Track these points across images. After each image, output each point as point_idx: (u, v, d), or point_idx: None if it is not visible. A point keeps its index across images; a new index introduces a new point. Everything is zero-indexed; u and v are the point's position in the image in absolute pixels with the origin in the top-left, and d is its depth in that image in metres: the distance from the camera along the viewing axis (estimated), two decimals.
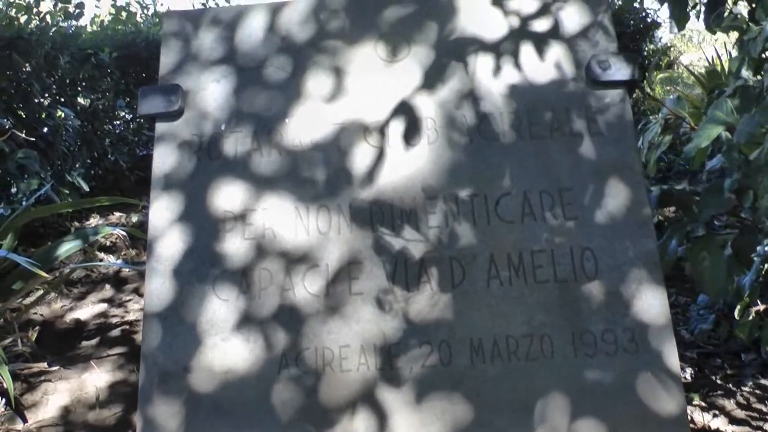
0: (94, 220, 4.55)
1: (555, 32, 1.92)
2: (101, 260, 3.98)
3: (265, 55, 1.94)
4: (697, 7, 2.64)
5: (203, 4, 6.20)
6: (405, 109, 1.86)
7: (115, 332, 3.32)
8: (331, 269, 1.74)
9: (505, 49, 1.90)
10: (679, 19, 2.44)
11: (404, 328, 1.69)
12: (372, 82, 1.90)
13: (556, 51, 1.90)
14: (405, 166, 1.81)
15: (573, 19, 1.93)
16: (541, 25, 1.92)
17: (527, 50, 1.90)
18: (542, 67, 1.89)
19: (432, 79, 1.89)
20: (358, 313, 1.71)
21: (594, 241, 1.73)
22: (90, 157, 4.77)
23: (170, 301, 1.73)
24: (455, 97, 1.87)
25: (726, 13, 2.57)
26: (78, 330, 3.37)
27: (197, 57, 1.95)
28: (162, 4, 6.28)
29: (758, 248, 2.17)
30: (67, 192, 4.28)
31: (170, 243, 1.78)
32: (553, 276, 1.72)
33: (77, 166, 4.54)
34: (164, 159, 1.85)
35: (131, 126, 5.15)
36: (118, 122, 5.09)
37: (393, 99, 1.87)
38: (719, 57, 5.68)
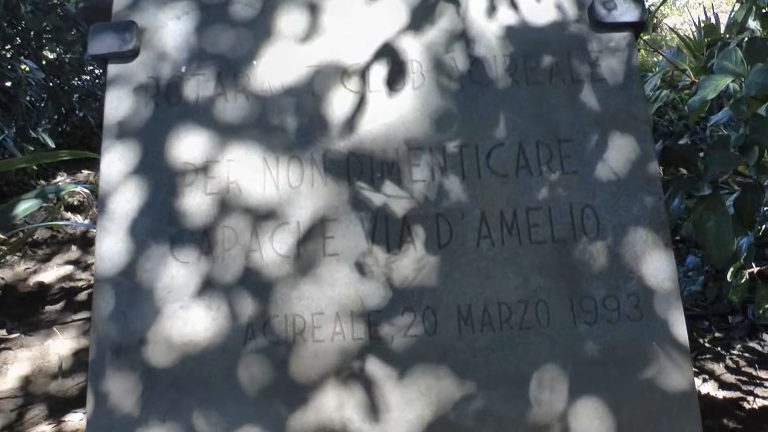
0: (60, 178, 4.35)
1: None
2: (67, 220, 3.80)
3: None
4: None
5: None
6: (387, 51, 1.67)
7: (81, 296, 3.16)
8: (303, 227, 1.56)
9: None
10: None
11: (385, 293, 1.52)
12: (351, 20, 1.70)
13: None
14: (387, 114, 1.62)
15: None
16: None
17: None
18: (541, 6, 1.70)
19: (418, 17, 1.69)
20: (333, 276, 1.53)
21: (595, 198, 1.56)
22: (57, 113, 4.55)
23: (124, 264, 1.55)
24: (444, 38, 1.68)
25: None
26: (42, 294, 3.21)
27: None
28: None
29: (763, 209, 2.03)
30: (32, 149, 4.07)
31: (124, 199, 1.58)
32: (550, 235, 1.55)
33: (43, 122, 4.32)
34: (117, 104, 1.66)
35: (100, 81, 4.91)
36: (86, 77, 4.84)
37: (374, 39, 1.68)
38: (707, 18, 5.53)
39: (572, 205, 1.56)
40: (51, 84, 4.43)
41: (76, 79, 4.73)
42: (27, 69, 4.13)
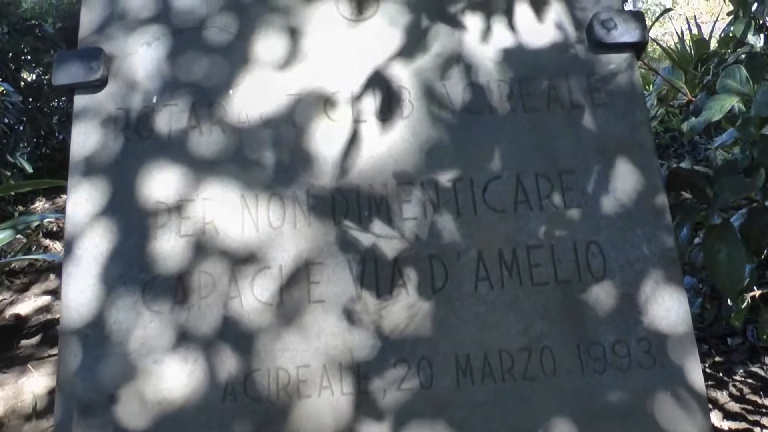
0: (39, 203, 4.22)
1: None
2: (46, 247, 3.69)
3: (206, 13, 1.62)
4: None
5: None
6: (374, 78, 1.55)
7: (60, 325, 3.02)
8: (286, 272, 1.43)
9: (494, 6, 1.60)
10: None
11: (376, 343, 1.39)
12: (334, 44, 1.58)
13: (554, 8, 1.61)
14: (374, 146, 1.50)
15: None
16: None
17: (520, 8, 1.60)
18: (537, 27, 1.59)
19: (406, 41, 1.58)
20: (319, 325, 1.40)
21: (601, 234, 1.45)
22: (35, 136, 4.42)
23: (92, 314, 1.42)
24: (436, 63, 1.56)
25: None
26: (18, 327, 3.07)
27: (124, 16, 1.63)
28: None
29: None
30: (9, 174, 3.94)
31: (91, 242, 1.46)
32: (553, 276, 1.43)
33: (21, 145, 4.20)
34: (84, 139, 1.53)
35: None
36: (65, 98, 4.72)
37: (359, 65, 1.57)
38: (690, 30, 5.48)
39: (576, 242, 1.45)
40: (29, 106, 4.30)
41: (55, 100, 4.61)
42: (4, 92, 4.01)
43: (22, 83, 4.35)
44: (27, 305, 3.23)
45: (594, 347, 1.39)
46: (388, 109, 1.53)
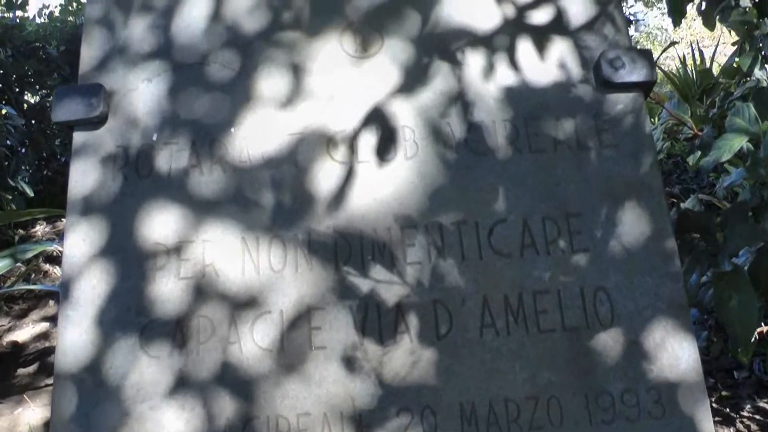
0: (40, 227, 4.19)
1: (557, 24, 1.60)
2: (46, 272, 3.66)
3: (208, 48, 1.60)
4: (697, 1, 2.40)
5: None
6: (377, 117, 1.52)
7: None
8: (287, 317, 1.40)
9: (498, 44, 1.58)
10: (678, 13, 2.20)
11: (378, 391, 1.36)
12: (337, 82, 1.56)
13: (559, 47, 1.58)
14: (377, 188, 1.48)
15: (578, 8, 1.62)
16: (540, 16, 1.61)
17: (525, 46, 1.58)
18: (543, 66, 1.57)
19: (410, 79, 1.56)
20: (321, 372, 1.37)
21: (609, 280, 1.42)
22: (37, 159, 4.41)
23: (88, 359, 1.39)
24: (439, 101, 1.54)
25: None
26: (15, 355, 3.04)
27: (125, 50, 1.61)
28: None
29: None
30: (10, 197, 3.93)
31: (88, 284, 1.43)
32: (560, 323, 1.40)
33: (23, 168, 4.18)
34: (83, 177, 1.51)
35: None
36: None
37: (362, 104, 1.54)
38: (693, 55, 5.48)
39: (583, 287, 1.41)
40: (32, 128, 4.29)
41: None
42: (6, 114, 4.00)
43: (25, 105, 4.34)
44: (25, 332, 3.20)
45: (602, 397, 1.35)
46: (392, 150, 1.50)
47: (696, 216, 1.68)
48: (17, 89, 4.31)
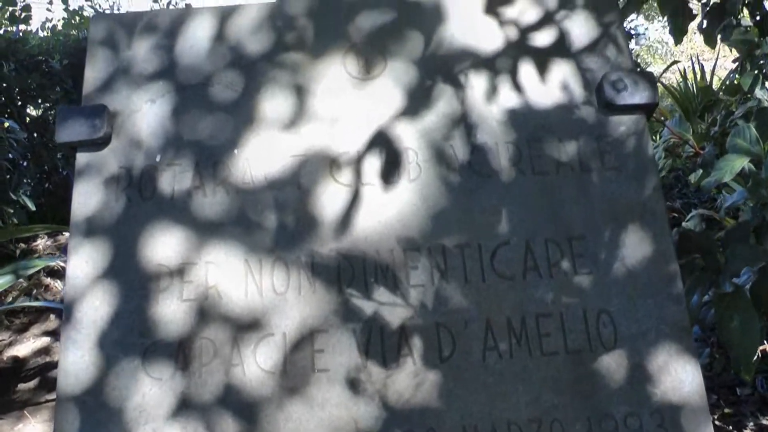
0: (41, 241, 4.20)
1: (560, 46, 1.61)
2: (47, 286, 3.66)
3: (211, 70, 1.60)
4: (698, 19, 2.41)
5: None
6: (380, 139, 1.53)
7: (57, 372, 2.99)
8: (290, 339, 1.40)
9: (501, 66, 1.58)
10: (680, 32, 2.21)
11: (381, 413, 1.35)
12: (340, 104, 1.57)
13: (562, 69, 1.59)
14: (380, 210, 1.48)
15: (580, 30, 1.62)
16: (543, 38, 1.61)
17: (528, 68, 1.58)
18: (545, 88, 1.57)
19: (413, 101, 1.56)
20: (323, 395, 1.37)
21: (612, 302, 1.42)
22: (39, 172, 4.41)
23: (90, 380, 1.39)
24: (442, 124, 1.54)
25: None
26: (16, 370, 3.04)
27: (129, 71, 1.61)
28: (119, 9, 5.94)
29: None
30: (12, 211, 3.92)
31: (91, 306, 1.43)
32: (563, 346, 1.40)
33: (25, 181, 4.18)
34: (86, 199, 1.51)
35: None
36: None
37: (365, 126, 1.55)
38: (693, 69, 5.49)
39: (586, 310, 1.41)
40: (34, 142, 4.29)
41: None
42: (9, 128, 4.00)
43: (27, 119, 4.34)
44: (26, 346, 3.20)
45: (606, 420, 1.35)
46: (396, 172, 1.51)
47: (697, 237, 1.68)
48: (20, 103, 4.31)
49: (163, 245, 1.47)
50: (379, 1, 1.66)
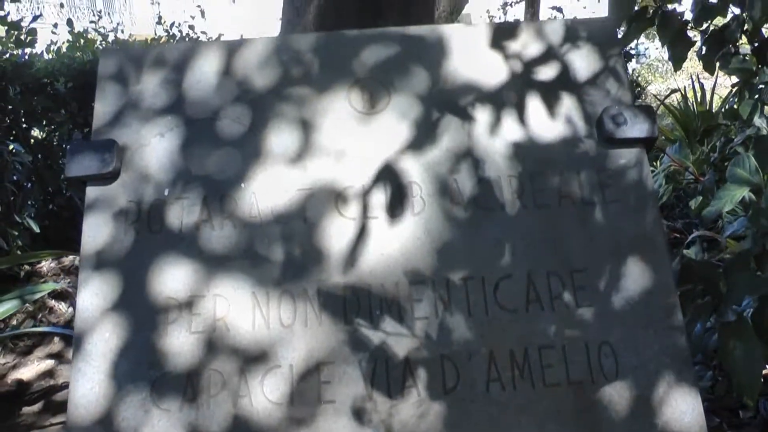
0: (45, 263, 4.21)
1: (562, 80, 1.64)
2: (51, 308, 3.67)
3: (219, 104, 1.63)
4: (696, 46, 2.44)
5: (169, 33, 5.93)
6: (386, 173, 1.56)
7: (61, 395, 3.00)
8: (297, 371, 1.42)
9: (505, 99, 1.61)
10: (679, 59, 2.24)
11: None
12: (346, 138, 1.60)
13: (564, 102, 1.62)
14: (386, 243, 1.50)
15: (582, 64, 1.66)
16: (546, 72, 1.64)
17: (531, 101, 1.61)
18: (548, 121, 1.60)
19: (418, 135, 1.59)
20: (330, 426, 1.38)
21: (613, 334, 1.44)
22: (43, 193, 4.44)
23: (100, 412, 1.40)
24: (446, 158, 1.57)
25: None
26: (20, 393, 3.05)
27: (138, 105, 1.64)
28: (123, 32, 5.99)
29: None
30: (16, 233, 3.95)
31: (101, 338, 1.45)
32: (565, 377, 1.42)
33: (29, 203, 4.21)
34: (96, 232, 1.53)
35: None
36: None
37: (371, 160, 1.57)
38: (693, 87, 5.53)
39: (588, 342, 1.44)
40: (38, 164, 4.32)
41: (63, 159, 4.62)
42: (14, 151, 4.03)
43: (32, 140, 4.37)
44: (30, 370, 3.21)
45: None
46: (400, 205, 1.53)
47: (699, 266, 1.71)
48: (25, 125, 4.34)
49: (172, 278, 1.49)
50: (384, 36, 1.69)
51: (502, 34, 1.68)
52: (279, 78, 1.65)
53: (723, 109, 3.20)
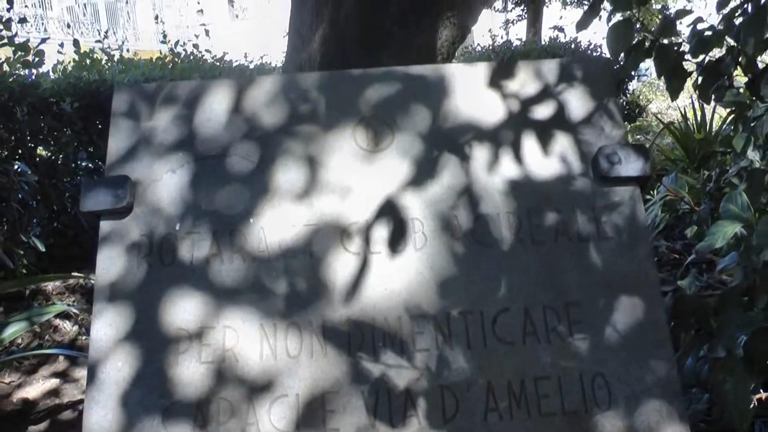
0: (50, 283, 4.26)
1: (558, 118, 1.70)
2: (56, 327, 3.72)
3: (228, 140, 1.70)
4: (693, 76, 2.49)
5: (174, 52, 6.00)
6: (388, 209, 1.62)
7: (66, 415, 3.05)
8: (303, 400, 1.48)
9: (503, 138, 1.68)
10: (676, 90, 2.29)
11: None
12: (351, 175, 1.66)
13: (560, 140, 1.68)
14: (388, 278, 1.57)
15: (578, 104, 1.72)
16: (543, 111, 1.71)
17: (528, 139, 1.68)
18: (544, 159, 1.67)
19: (420, 173, 1.65)
20: None
21: (606, 366, 1.50)
22: (48, 211, 4.49)
23: None
24: (447, 195, 1.64)
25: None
26: (26, 412, 3.09)
27: (150, 141, 1.70)
28: (128, 51, 6.06)
29: None
30: (22, 252, 4.00)
31: (114, 367, 1.51)
32: (560, 407, 1.48)
33: (34, 221, 4.26)
34: (109, 265, 1.60)
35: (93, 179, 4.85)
36: (78, 176, 4.77)
37: (374, 196, 1.64)
38: (693, 106, 5.60)
39: (582, 373, 1.50)
40: (43, 183, 4.37)
41: (69, 177, 4.68)
42: (20, 171, 4.08)
43: (37, 159, 4.42)
44: (35, 388, 3.25)
45: None
46: (403, 241, 1.60)
47: (692, 300, 1.76)
48: (31, 144, 4.39)
49: (183, 310, 1.55)
50: (388, 75, 1.76)
51: (501, 74, 1.75)
52: (286, 116, 1.72)
53: (719, 137, 3.26)
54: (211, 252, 1.60)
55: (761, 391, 1.99)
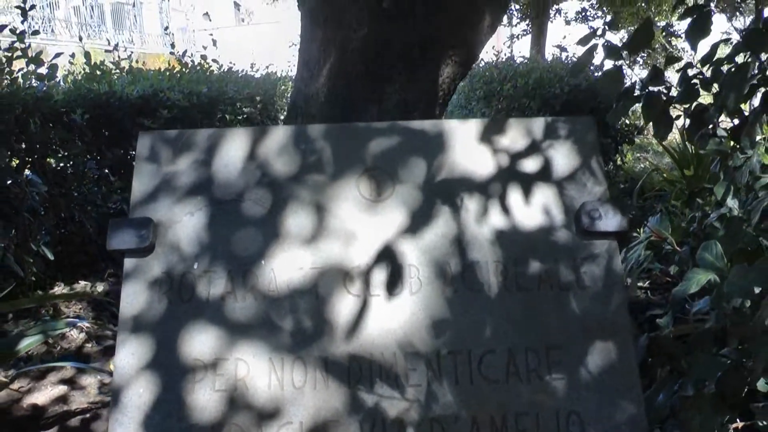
0: (58, 289, 4.41)
1: (544, 173, 1.86)
2: (64, 334, 3.85)
3: (243, 186, 1.86)
4: (680, 120, 2.62)
5: (181, 63, 6.13)
6: (387, 255, 1.79)
7: (75, 421, 3.18)
8: (306, 427, 1.65)
9: (493, 190, 1.84)
10: (663, 135, 2.41)
11: None
12: (353, 223, 1.82)
13: (545, 194, 1.84)
14: (386, 319, 1.73)
15: (563, 160, 1.88)
16: (530, 165, 1.87)
17: (516, 193, 1.84)
18: (530, 211, 1.83)
19: (416, 222, 1.82)
20: None
21: (581, 404, 1.67)
22: (56, 219, 4.60)
23: None
24: (440, 242, 1.80)
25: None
26: (35, 418, 3.22)
27: (171, 184, 1.86)
28: (137, 61, 6.18)
29: None
30: (31, 260, 4.13)
31: (135, 393, 1.68)
32: None
33: (43, 229, 4.39)
34: (133, 299, 1.76)
35: (102, 189, 4.98)
36: (87, 187, 4.90)
37: (375, 243, 1.80)
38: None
39: (558, 411, 1.66)
40: (53, 193, 4.48)
41: (77, 187, 4.80)
42: (29, 180, 4.20)
43: (47, 168, 4.52)
44: (44, 395, 3.37)
45: None
46: (400, 285, 1.76)
47: (665, 342, 1.92)
48: (41, 154, 4.50)
49: (199, 342, 1.72)
50: (391, 129, 1.92)
51: (493, 130, 1.91)
52: (297, 164, 1.88)
53: (708, 175, 3.41)
54: (226, 290, 1.76)
55: (737, 420, 2.13)
